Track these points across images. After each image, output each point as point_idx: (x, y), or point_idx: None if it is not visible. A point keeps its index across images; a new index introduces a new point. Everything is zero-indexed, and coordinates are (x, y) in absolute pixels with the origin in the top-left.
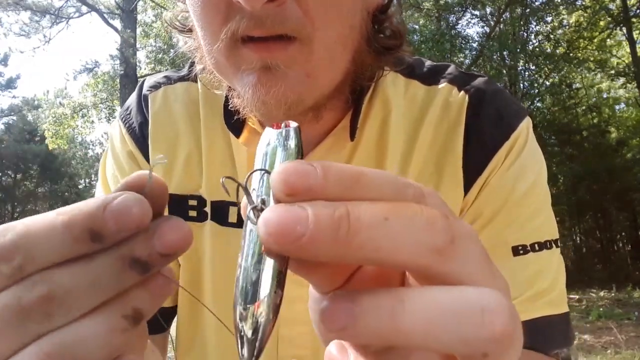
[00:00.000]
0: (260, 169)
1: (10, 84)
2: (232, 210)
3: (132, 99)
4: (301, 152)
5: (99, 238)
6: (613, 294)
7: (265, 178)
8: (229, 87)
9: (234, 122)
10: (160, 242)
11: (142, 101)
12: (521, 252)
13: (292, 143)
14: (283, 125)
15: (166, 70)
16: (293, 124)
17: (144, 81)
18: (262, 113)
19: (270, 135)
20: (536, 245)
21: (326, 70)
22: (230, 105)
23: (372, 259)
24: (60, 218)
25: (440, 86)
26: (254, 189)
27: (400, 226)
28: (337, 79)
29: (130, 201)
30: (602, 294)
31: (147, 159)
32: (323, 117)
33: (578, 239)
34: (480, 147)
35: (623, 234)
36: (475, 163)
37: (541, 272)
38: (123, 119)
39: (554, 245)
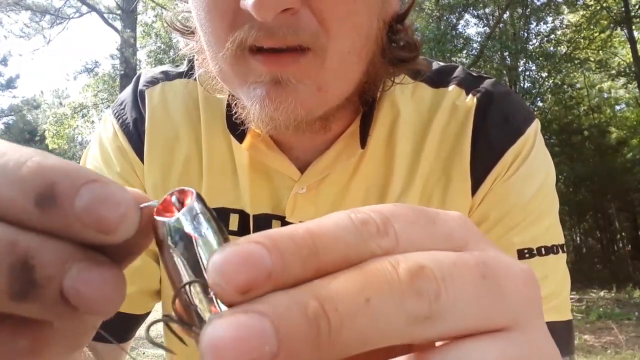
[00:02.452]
0: (186, 283)
1: (10, 84)
2: (233, 218)
3: (127, 93)
4: (222, 230)
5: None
6: (613, 294)
7: (196, 289)
8: (233, 95)
9: (237, 126)
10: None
11: (138, 96)
12: (527, 255)
13: (203, 225)
14: (174, 199)
15: None
16: (188, 195)
17: (139, 75)
18: (269, 128)
19: (167, 230)
20: (542, 249)
21: (338, 83)
22: (233, 113)
23: (360, 350)
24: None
25: (447, 89)
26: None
27: (384, 304)
28: (349, 91)
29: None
30: (602, 294)
31: (140, 156)
32: (331, 128)
33: (578, 239)
34: (487, 150)
35: (623, 234)
36: (482, 166)
37: (546, 277)
38: (116, 113)
39: (560, 250)
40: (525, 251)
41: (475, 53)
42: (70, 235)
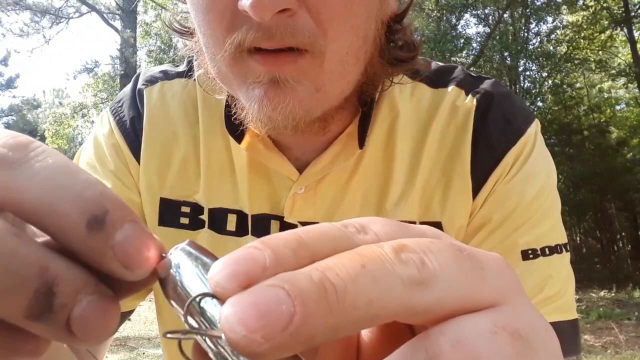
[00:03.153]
0: (193, 298)
1: (10, 84)
2: (231, 218)
3: (126, 92)
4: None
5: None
6: (613, 294)
7: (208, 305)
8: (232, 95)
9: (235, 126)
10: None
11: (137, 95)
12: (531, 256)
13: (200, 255)
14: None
15: None
16: (181, 247)
17: (139, 74)
18: (268, 128)
19: (169, 264)
20: (546, 249)
21: (337, 84)
22: (232, 114)
23: (367, 318)
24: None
25: (447, 89)
26: (204, 328)
27: (378, 268)
28: (347, 92)
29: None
30: (602, 294)
31: (135, 155)
32: (330, 129)
33: (578, 239)
34: (488, 151)
35: (623, 234)
36: (483, 168)
37: (551, 277)
38: (113, 111)
39: (564, 249)
40: (530, 252)
41: (476, 53)
42: (100, 261)
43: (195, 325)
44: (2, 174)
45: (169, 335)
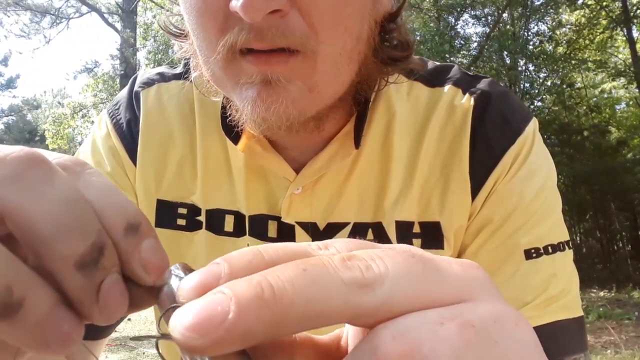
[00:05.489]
0: (168, 308)
1: (10, 84)
2: (228, 219)
3: (123, 94)
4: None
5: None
6: (613, 294)
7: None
8: (227, 97)
9: (232, 128)
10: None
11: (133, 97)
12: (534, 255)
13: (187, 271)
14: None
15: None
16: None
17: (136, 77)
18: (262, 129)
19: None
20: (549, 247)
21: (330, 84)
22: (228, 115)
23: (308, 316)
24: None
25: (444, 89)
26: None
27: (319, 271)
28: (341, 91)
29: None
30: (602, 294)
31: (132, 157)
32: (325, 128)
33: (578, 239)
34: (486, 151)
35: (623, 234)
36: (481, 168)
37: (555, 275)
38: (110, 114)
39: (566, 247)
40: (532, 251)
41: (475, 53)
42: (129, 261)
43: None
44: (70, 177)
45: (132, 341)
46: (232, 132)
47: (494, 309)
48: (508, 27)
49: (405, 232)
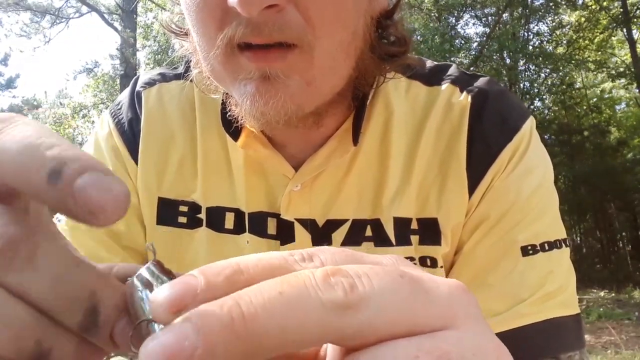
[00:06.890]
0: (140, 322)
1: (10, 84)
2: (229, 216)
3: (125, 95)
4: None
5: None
6: (613, 294)
7: (153, 327)
8: (226, 93)
9: (232, 124)
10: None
11: (135, 97)
12: (530, 252)
13: (160, 276)
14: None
15: None
16: (146, 267)
17: (138, 77)
18: (261, 123)
19: (133, 283)
20: (546, 244)
21: (327, 79)
22: (227, 111)
23: (283, 343)
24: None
25: (442, 87)
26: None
27: (296, 293)
28: (339, 86)
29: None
30: (602, 294)
31: (133, 157)
32: (324, 124)
33: (578, 239)
34: (483, 149)
35: (623, 234)
36: (479, 165)
37: (551, 272)
38: (112, 114)
39: (563, 244)
40: (529, 248)
41: (475, 53)
42: (64, 210)
43: None
44: None
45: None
46: (232, 128)
47: (475, 340)
48: (508, 27)
49: (403, 229)
